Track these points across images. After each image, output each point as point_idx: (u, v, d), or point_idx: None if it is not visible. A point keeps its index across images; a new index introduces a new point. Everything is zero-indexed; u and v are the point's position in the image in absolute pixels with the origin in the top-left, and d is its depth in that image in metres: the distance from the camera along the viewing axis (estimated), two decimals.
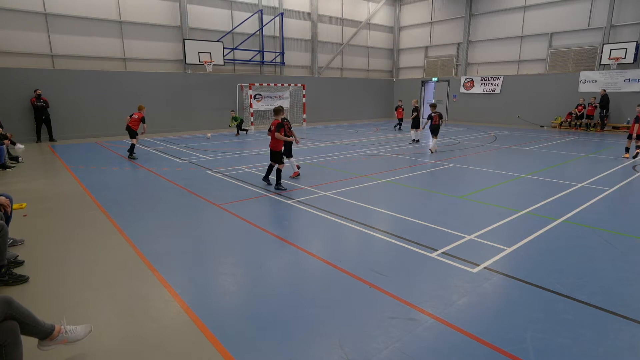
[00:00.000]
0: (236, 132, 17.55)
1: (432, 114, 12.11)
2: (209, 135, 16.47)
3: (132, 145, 11.28)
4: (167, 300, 3.67)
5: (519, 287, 3.89)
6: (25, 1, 14.81)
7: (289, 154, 8.45)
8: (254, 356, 2.90)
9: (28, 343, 2.57)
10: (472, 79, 23.95)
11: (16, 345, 2.42)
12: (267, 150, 7.98)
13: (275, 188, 7.67)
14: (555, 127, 20.48)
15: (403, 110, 19.61)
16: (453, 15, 24.57)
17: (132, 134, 11.23)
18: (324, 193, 7.41)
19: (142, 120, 11.24)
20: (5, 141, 10.52)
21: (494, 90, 23.01)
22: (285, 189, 7.62)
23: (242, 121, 17.70)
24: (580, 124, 19.20)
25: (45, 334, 2.69)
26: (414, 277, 4.11)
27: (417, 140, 14.61)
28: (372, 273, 4.18)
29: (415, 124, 14.55)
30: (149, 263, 4.46)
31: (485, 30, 23.32)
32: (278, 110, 7.87)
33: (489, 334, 3.12)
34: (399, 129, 19.35)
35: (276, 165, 7.79)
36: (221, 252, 4.91)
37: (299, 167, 9.10)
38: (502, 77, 22.59)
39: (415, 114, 14.87)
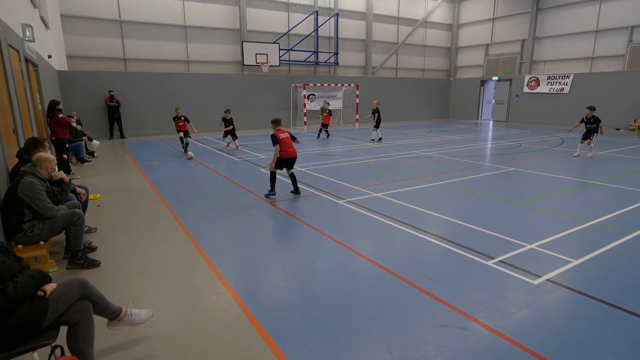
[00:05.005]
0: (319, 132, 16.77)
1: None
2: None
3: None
4: (221, 292, 3.84)
5: (587, 304, 3.59)
6: (104, 10, 16.22)
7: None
8: (301, 353, 2.94)
9: (99, 323, 2.81)
10: (537, 78, 22.45)
11: (89, 323, 2.65)
12: (321, 150, 8.00)
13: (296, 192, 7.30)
14: (634, 129, 18.63)
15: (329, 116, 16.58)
16: (518, 11, 23.19)
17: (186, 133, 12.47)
18: (375, 194, 7.33)
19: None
20: (84, 137, 11.57)
21: (562, 89, 21.40)
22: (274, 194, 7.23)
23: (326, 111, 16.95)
24: None
25: (113, 315, 2.93)
26: (467, 285, 3.94)
27: (381, 139, 15.04)
28: (423, 278, 4.07)
29: (377, 124, 14.98)
30: (204, 255, 4.69)
31: (554, 25, 21.75)
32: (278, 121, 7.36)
33: (549, 351, 2.91)
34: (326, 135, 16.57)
35: (291, 171, 7.40)
36: (273, 248, 5.03)
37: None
38: (572, 76, 20.93)
39: (377, 115, 14.96)
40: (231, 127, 12.97)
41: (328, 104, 17.62)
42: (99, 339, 2.85)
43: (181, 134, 12.40)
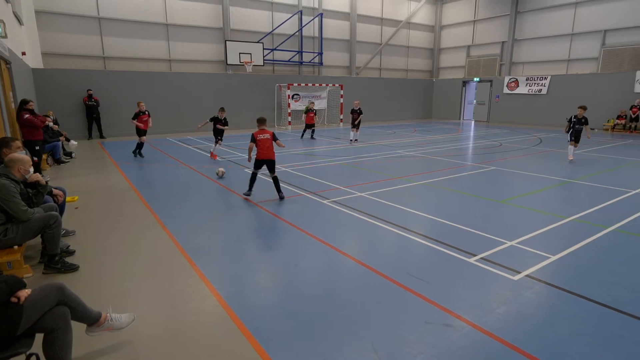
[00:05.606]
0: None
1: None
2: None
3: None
4: (205, 294, 3.78)
5: (565, 298, 3.68)
6: (82, 6, 15.82)
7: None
8: (287, 354, 2.93)
9: (77, 329, 2.73)
10: (516, 79, 22.96)
11: (67, 329, 2.57)
12: (305, 150, 7.96)
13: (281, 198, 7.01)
14: (607, 129, 19.25)
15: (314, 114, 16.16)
16: (498, 13, 23.67)
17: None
18: (359, 194, 7.36)
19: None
20: (61, 138, 11.26)
21: (540, 90, 21.93)
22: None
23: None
24: (635, 126, 17.94)
25: (92, 320, 2.84)
26: (451, 283, 3.99)
27: (356, 140, 14.94)
28: (407, 276, 4.10)
29: (358, 125, 14.91)
30: (187, 257, 4.62)
31: (533, 28, 22.29)
32: (263, 120, 7.13)
33: (529, 345, 2.98)
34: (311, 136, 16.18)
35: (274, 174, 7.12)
36: (257, 249, 4.99)
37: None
38: (549, 77, 21.48)
39: (359, 115, 14.72)
40: (226, 127, 11.61)
41: (313, 103, 17.58)
42: (78, 346, 2.78)
43: (143, 137, 11.25)
